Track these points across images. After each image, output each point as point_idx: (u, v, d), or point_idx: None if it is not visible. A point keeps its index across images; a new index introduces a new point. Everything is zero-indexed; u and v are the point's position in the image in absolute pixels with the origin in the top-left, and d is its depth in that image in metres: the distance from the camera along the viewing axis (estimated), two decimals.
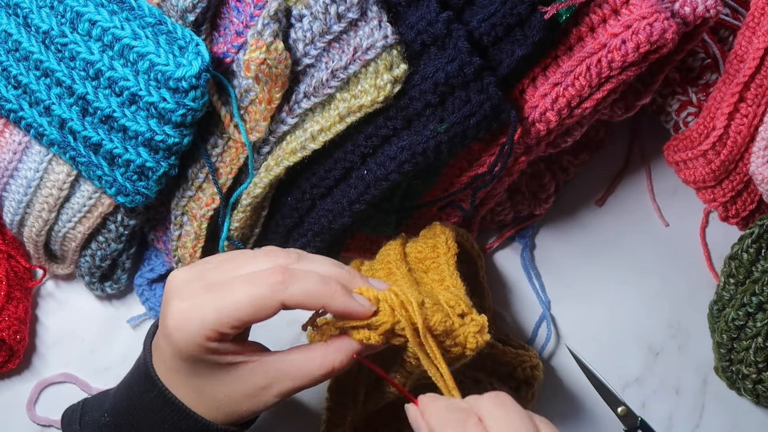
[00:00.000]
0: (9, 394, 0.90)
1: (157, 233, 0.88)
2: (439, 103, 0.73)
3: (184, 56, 0.72)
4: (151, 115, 0.74)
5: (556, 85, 0.76)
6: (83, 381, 0.89)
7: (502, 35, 0.73)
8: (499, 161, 0.78)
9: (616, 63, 0.74)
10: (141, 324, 0.92)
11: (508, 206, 0.90)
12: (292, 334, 0.89)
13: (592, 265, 0.94)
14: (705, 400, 0.90)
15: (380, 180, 0.76)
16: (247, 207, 0.81)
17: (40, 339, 0.91)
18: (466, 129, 0.73)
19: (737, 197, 0.86)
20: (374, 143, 0.76)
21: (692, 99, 0.87)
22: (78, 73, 0.75)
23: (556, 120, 0.77)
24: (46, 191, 0.82)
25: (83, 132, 0.77)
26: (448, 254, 0.77)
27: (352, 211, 0.79)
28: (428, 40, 0.73)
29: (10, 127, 0.82)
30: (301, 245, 0.83)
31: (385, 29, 0.72)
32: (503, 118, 0.74)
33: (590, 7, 0.75)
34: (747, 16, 0.81)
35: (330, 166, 0.79)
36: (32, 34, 0.76)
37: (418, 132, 0.74)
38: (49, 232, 0.85)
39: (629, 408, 0.80)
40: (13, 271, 0.88)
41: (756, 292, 0.81)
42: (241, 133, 0.77)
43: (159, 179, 0.77)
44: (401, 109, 0.75)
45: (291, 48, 0.75)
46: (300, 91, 0.76)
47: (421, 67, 0.74)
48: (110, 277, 0.89)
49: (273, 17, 0.72)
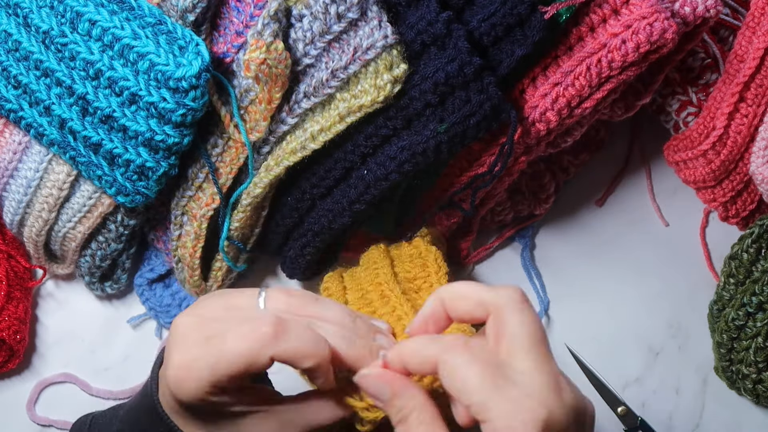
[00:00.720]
0: (9, 394, 0.90)
1: (157, 233, 0.88)
2: (439, 103, 0.73)
3: (184, 56, 0.72)
4: (151, 114, 0.74)
5: (556, 85, 0.76)
6: (83, 381, 0.89)
7: (502, 35, 0.73)
8: (499, 161, 0.78)
9: (616, 63, 0.74)
10: (141, 324, 0.92)
11: (508, 206, 0.90)
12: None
13: (592, 265, 0.94)
14: (705, 400, 0.90)
15: (380, 180, 0.76)
16: (247, 207, 0.81)
17: (40, 339, 0.91)
18: (466, 129, 0.73)
19: (737, 197, 0.86)
20: (374, 143, 0.76)
21: (692, 99, 0.87)
22: (78, 73, 0.75)
23: (556, 120, 0.77)
24: (46, 191, 0.82)
25: (83, 132, 0.77)
26: (439, 273, 0.76)
27: (352, 211, 0.78)
28: (428, 40, 0.73)
29: (10, 127, 0.82)
30: (300, 245, 0.83)
31: (385, 29, 0.72)
32: (503, 118, 0.74)
33: (590, 6, 0.75)
34: (747, 16, 0.81)
35: (330, 166, 0.79)
36: (32, 34, 0.76)
37: (418, 132, 0.74)
38: (49, 232, 0.85)
39: (629, 408, 0.80)
40: (13, 271, 0.88)
41: (756, 291, 0.81)
42: (241, 133, 0.77)
43: (159, 179, 0.77)
44: (401, 109, 0.75)
45: (291, 48, 0.75)
46: (300, 91, 0.76)
47: (421, 67, 0.74)
48: (110, 277, 0.89)
49: (273, 17, 0.72)
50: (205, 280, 0.85)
